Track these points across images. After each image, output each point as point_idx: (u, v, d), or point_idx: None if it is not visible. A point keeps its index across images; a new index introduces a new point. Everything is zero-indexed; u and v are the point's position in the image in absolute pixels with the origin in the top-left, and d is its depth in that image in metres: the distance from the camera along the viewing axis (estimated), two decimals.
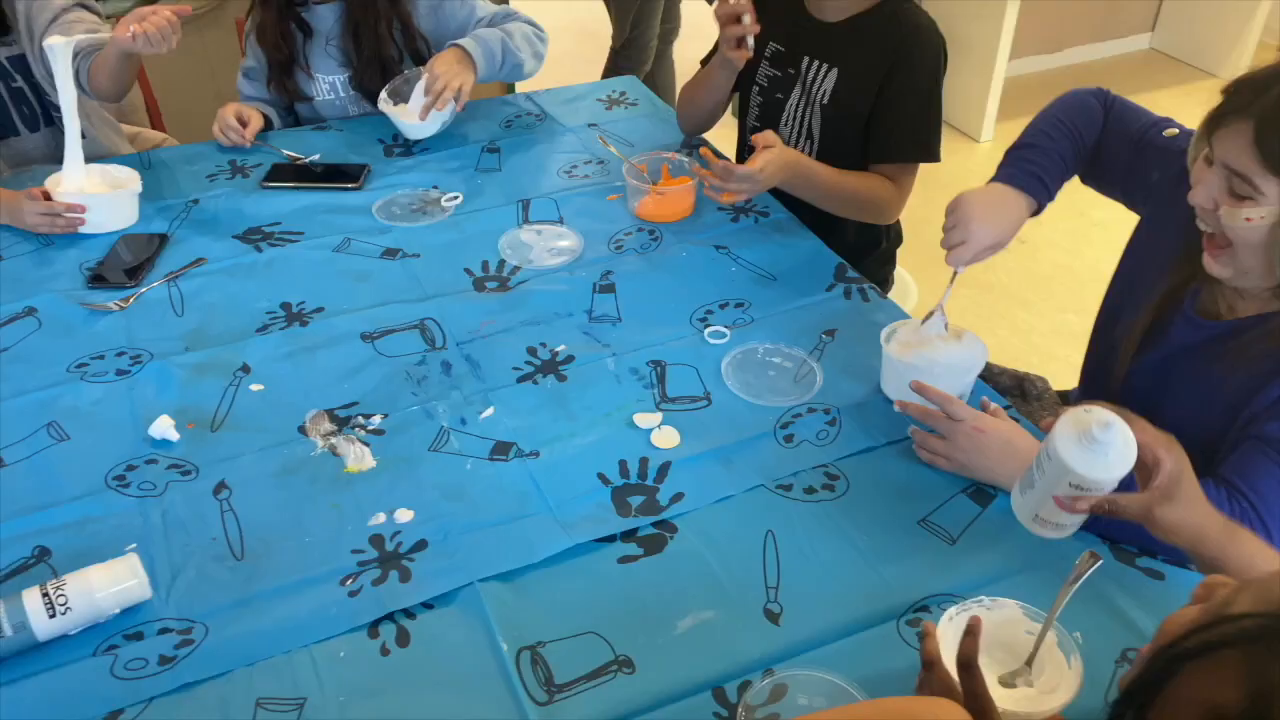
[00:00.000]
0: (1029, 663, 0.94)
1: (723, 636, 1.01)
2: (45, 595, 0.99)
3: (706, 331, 1.42)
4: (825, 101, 1.67)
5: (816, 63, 1.67)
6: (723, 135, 1.92)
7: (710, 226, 1.66)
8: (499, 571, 1.06)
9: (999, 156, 1.35)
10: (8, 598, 0.99)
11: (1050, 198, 1.33)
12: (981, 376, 1.30)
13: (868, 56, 1.62)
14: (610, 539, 1.11)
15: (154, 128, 2.42)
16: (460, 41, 1.84)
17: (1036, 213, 1.33)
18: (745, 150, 1.88)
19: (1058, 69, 4.05)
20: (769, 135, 1.53)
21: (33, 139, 1.88)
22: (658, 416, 1.27)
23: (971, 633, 0.85)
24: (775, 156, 1.52)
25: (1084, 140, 1.34)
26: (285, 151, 1.85)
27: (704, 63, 1.82)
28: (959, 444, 1.15)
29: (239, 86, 2.00)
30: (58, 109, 1.83)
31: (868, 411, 1.28)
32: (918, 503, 1.15)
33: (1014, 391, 1.54)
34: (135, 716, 0.93)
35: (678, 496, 1.16)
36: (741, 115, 1.86)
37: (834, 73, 1.66)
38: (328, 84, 1.95)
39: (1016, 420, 1.22)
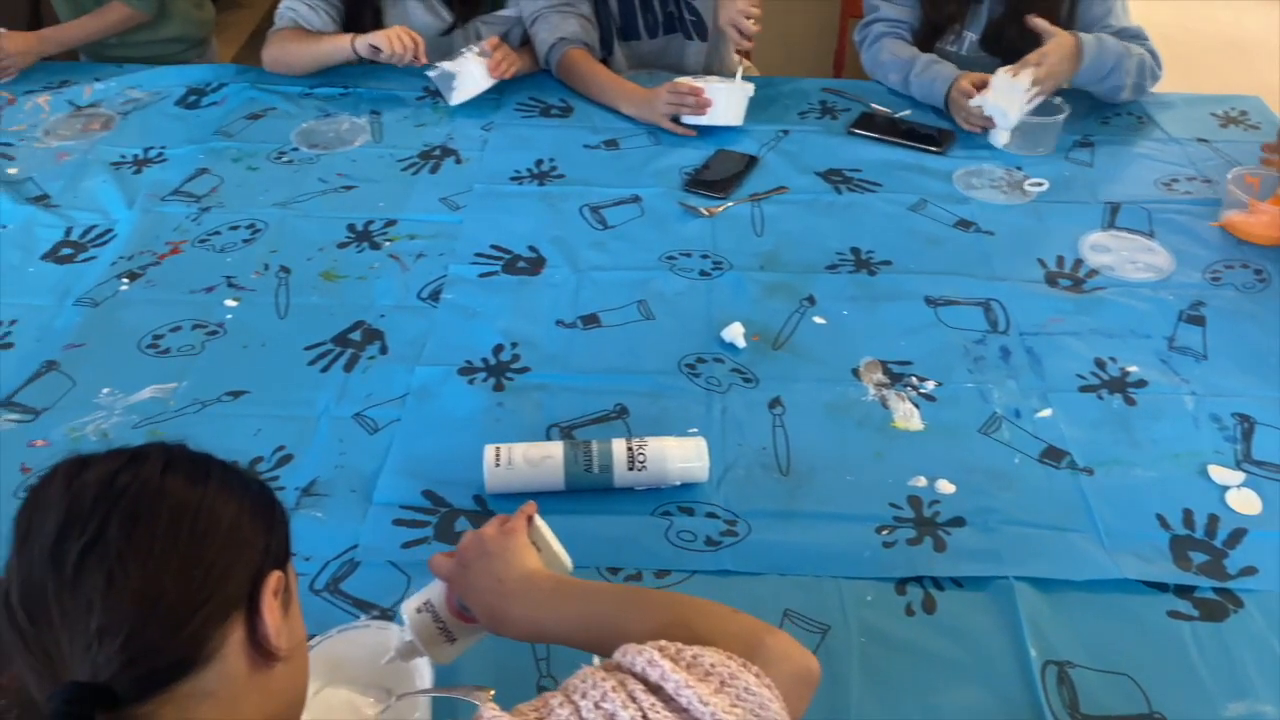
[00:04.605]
0: None
1: None
2: (629, 449, 1.11)
3: None
4: None
5: None
6: None
7: None
8: (1037, 575, 1.02)
9: None
10: (601, 440, 1.13)
11: None
12: None
13: None
14: (1161, 587, 1.02)
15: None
16: (1083, 35, 1.75)
17: None
18: None
19: None
20: None
21: (651, 44, 2.07)
22: (1238, 475, 1.14)
23: None
24: None
25: None
26: (873, 104, 1.88)
27: None
28: None
29: None
30: (683, 21, 2.00)
31: None
32: None
33: None
34: (680, 582, 1.03)
35: (1249, 570, 1.04)
36: None
37: None
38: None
39: None
